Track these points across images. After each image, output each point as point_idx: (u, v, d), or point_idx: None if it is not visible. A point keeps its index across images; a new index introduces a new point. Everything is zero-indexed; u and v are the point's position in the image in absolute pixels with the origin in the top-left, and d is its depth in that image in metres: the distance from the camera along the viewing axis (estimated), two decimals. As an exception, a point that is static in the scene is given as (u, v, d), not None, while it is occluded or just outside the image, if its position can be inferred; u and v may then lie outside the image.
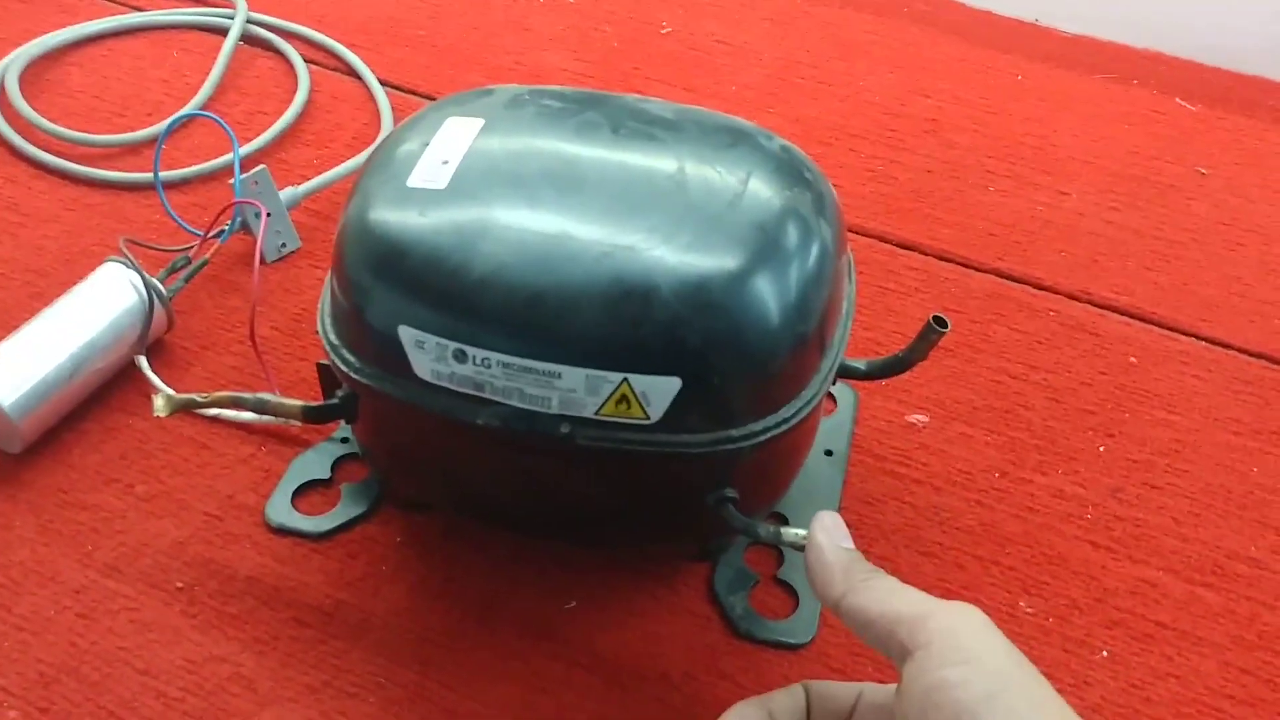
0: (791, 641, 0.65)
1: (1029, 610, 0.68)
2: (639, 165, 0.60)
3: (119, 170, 0.91)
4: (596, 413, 0.56)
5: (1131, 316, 0.86)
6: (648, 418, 0.56)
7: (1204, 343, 0.85)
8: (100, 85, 1.00)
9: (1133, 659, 0.66)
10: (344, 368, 0.60)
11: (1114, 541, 0.72)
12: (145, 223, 0.87)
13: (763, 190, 0.59)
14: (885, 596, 0.50)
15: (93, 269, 0.79)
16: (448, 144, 0.60)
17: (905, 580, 0.50)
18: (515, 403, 0.56)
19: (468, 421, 0.57)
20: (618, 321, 0.55)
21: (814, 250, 0.59)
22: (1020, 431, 0.78)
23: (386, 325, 0.57)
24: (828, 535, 0.53)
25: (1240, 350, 0.84)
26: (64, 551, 0.68)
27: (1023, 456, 0.76)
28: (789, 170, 0.61)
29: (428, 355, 0.56)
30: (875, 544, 0.71)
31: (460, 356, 0.56)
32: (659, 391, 0.55)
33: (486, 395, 0.56)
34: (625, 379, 0.55)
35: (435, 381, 0.57)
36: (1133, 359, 0.83)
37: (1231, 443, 0.78)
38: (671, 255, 0.55)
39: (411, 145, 0.61)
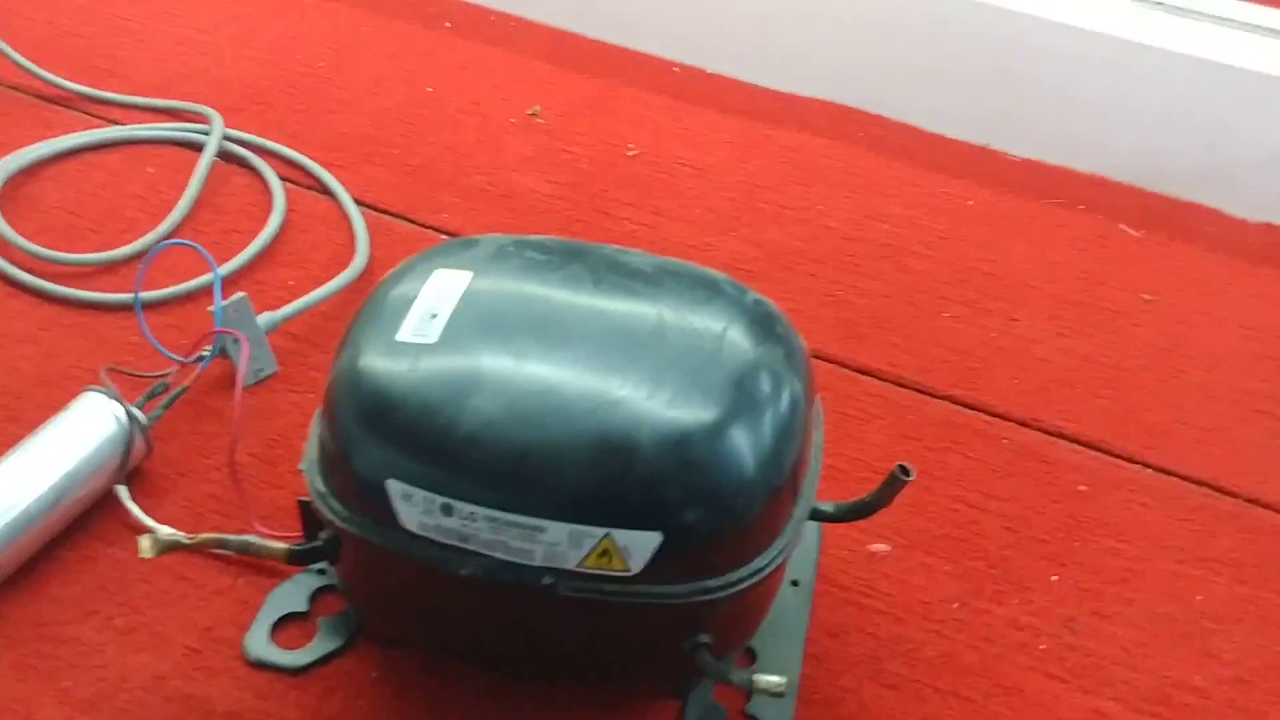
0: (761, 778, 0.67)
1: (988, 743, 0.71)
2: (621, 320, 0.62)
3: (95, 290, 0.92)
4: (579, 565, 0.58)
5: (1080, 444, 0.90)
6: (628, 570, 0.58)
7: (1150, 470, 0.89)
8: (76, 201, 1.01)
9: (1088, 793, 0.69)
10: (330, 515, 0.62)
11: (1067, 672, 0.75)
12: (121, 344, 0.89)
13: (738, 346, 0.62)
14: None
15: (68, 392, 0.80)
16: (436, 297, 0.63)
17: (867, 712, 0.51)
18: (499, 555, 0.58)
19: (452, 572, 0.59)
20: (602, 478, 0.57)
21: (786, 404, 0.61)
22: (977, 561, 0.81)
23: (375, 477, 0.59)
24: None
25: (1184, 478, 0.88)
26: (40, 688, 0.69)
27: (980, 586, 0.79)
28: (762, 324, 0.64)
29: (415, 508, 0.58)
30: (840, 676, 0.73)
31: (447, 510, 0.58)
32: (640, 545, 0.57)
33: (471, 547, 0.58)
34: (608, 533, 0.57)
35: (421, 533, 0.59)
36: (1082, 487, 0.86)
37: (1177, 571, 0.82)
38: (653, 411, 0.58)
39: (401, 296, 0.63)
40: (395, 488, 0.58)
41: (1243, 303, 1.05)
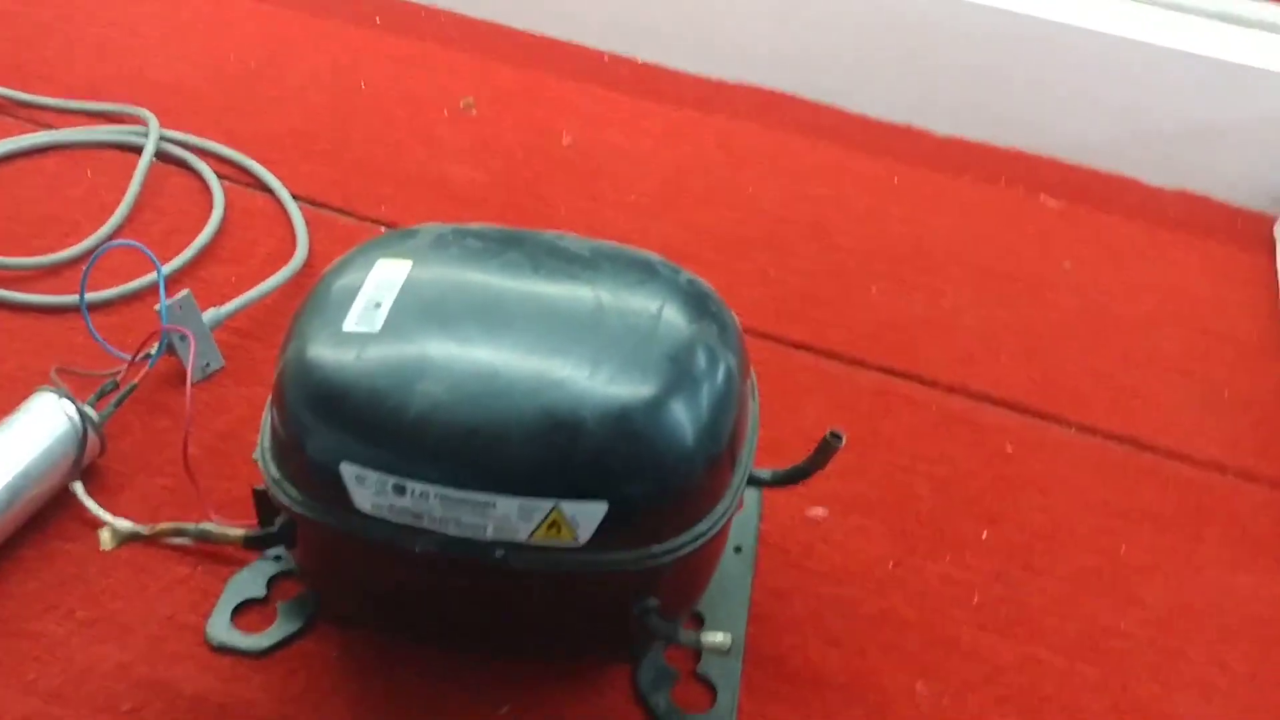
0: (713, 734, 0.70)
1: (925, 692, 0.74)
2: (561, 303, 0.65)
3: (39, 293, 0.93)
4: (529, 538, 0.60)
5: (1007, 407, 0.94)
6: (577, 540, 0.60)
7: (1073, 430, 0.93)
8: (14, 206, 1.01)
9: (1022, 734, 0.73)
10: (285, 500, 0.64)
11: (1000, 623, 0.79)
12: (68, 345, 0.90)
13: (673, 324, 0.64)
14: None
15: (16, 394, 0.81)
16: (379, 286, 0.65)
17: (812, 667, 0.53)
18: (452, 531, 0.61)
19: (406, 549, 0.61)
20: (548, 452, 0.60)
21: (721, 378, 0.64)
22: (910, 521, 0.84)
23: (328, 461, 0.61)
24: None
25: (1106, 436, 0.92)
26: (5, 681, 0.70)
27: (914, 545, 0.83)
28: (696, 303, 0.67)
29: (368, 489, 0.61)
30: (785, 635, 0.76)
31: (400, 490, 0.60)
32: (587, 516, 0.60)
33: (424, 525, 0.61)
34: (556, 505, 0.60)
35: (375, 513, 0.61)
36: (1009, 448, 0.90)
37: (1101, 524, 0.86)
38: (595, 389, 0.60)
39: (344, 287, 0.65)
40: (348, 470, 0.60)
41: (1159, 268, 1.10)
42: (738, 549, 0.80)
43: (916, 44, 1.24)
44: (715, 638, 0.62)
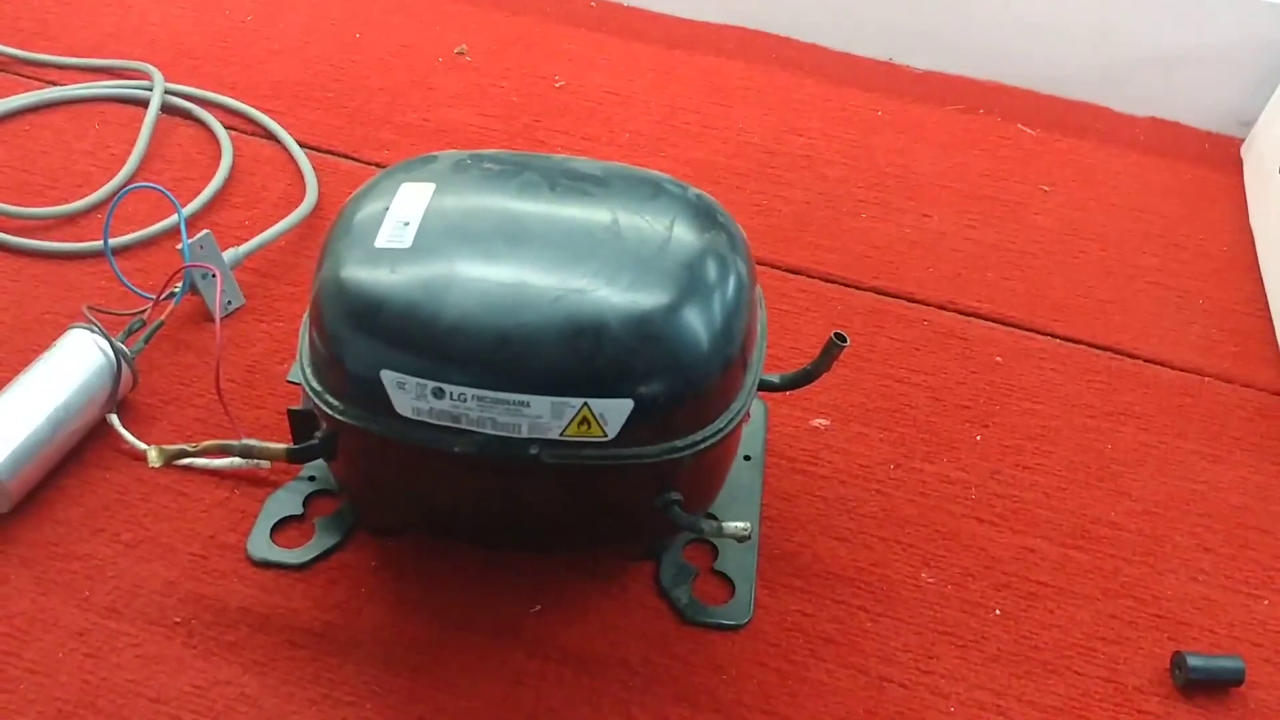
0: (732, 623, 0.75)
1: (930, 580, 0.79)
2: (578, 218, 0.69)
3: (60, 241, 0.96)
4: (561, 434, 0.64)
5: (994, 321, 0.98)
6: (605, 435, 0.64)
7: (1058, 340, 0.97)
8: (26, 159, 1.04)
9: (1021, 615, 0.77)
10: (328, 410, 0.67)
11: (996, 516, 0.83)
12: (92, 289, 0.93)
13: (686, 235, 0.68)
14: None
15: (46, 336, 0.84)
16: (406, 207, 0.68)
17: (821, 562, 0.57)
18: (489, 430, 0.64)
19: (446, 450, 0.65)
20: (576, 355, 0.64)
21: (733, 284, 0.68)
22: (908, 428, 0.89)
23: (368, 370, 0.65)
24: None
25: (1089, 344, 0.97)
26: (62, 599, 0.74)
27: (912, 449, 0.87)
28: (705, 216, 0.71)
29: (408, 394, 0.64)
30: (795, 534, 0.80)
31: (438, 393, 0.64)
32: (614, 412, 0.64)
33: (463, 426, 0.65)
34: (585, 403, 0.64)
35: (415, 417, 0.65)
36: (998, 358, 0.95)
37: (1087, 424, 0.90)
38: (616, 296, 0.64)
39: (371, 210, 0.69)
40: (389, 378, 0.64)
41: (1132, 189, 1.14)
42: (747, 458, 0.84)
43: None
44: (736, 525, 0.66)
